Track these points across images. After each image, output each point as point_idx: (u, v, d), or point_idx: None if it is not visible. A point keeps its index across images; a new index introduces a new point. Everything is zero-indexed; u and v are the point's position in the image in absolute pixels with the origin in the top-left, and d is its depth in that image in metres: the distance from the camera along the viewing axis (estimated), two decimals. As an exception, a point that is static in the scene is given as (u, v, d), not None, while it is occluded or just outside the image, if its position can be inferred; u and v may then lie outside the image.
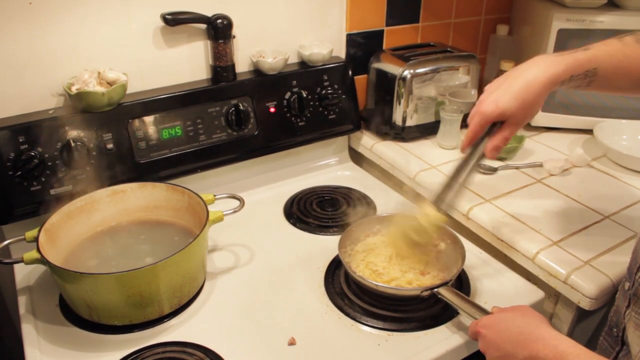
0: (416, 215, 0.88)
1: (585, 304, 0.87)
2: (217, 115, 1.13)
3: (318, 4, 1.24)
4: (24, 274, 0.96)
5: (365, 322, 0.84)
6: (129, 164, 1.04)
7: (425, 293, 0.84)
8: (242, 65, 1.19)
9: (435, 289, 0.83)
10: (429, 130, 1.34)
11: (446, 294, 0.83)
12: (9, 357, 1.19)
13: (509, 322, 0.72)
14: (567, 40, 1.30)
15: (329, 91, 1.23)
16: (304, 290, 0.91)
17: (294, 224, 1.10)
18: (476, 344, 0.82)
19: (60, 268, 0.79)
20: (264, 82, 1.17)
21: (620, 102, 1.33)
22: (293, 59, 1.24)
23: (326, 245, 1.02)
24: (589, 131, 1.33)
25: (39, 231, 0.85)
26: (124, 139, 1.03)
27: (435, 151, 1.30)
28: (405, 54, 1.31)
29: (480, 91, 0.92)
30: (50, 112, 0.99)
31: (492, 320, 0.74)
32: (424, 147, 1.32)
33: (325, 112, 1.25)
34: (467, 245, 1.01)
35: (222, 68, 1.13)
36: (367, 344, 0.81)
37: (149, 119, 1.06)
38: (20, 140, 0.94)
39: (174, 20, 1.06)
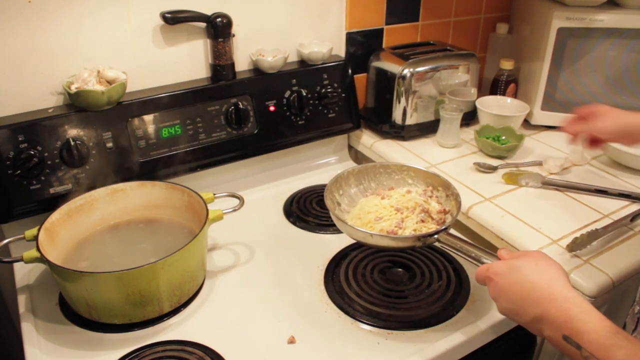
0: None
1: (585, 303, 0.87)
2: (217, 113, 1.13)
3: (318, 2, 1.24)
4: (23, 272, 0.96)
5: (364, 321, 0.84)
6: (128, 163, 1.04)
7: (420, 242, 0.80)
8: (241, 64, 1.19)
9: (435, 235, 0.80)
10: (428, 128, 1.34)
11: (448, 239, 0.79)
12: (9, 356, 1.19)
13: (521, 274, 0.68)
14: (567, 38, 1.30)
15: (329, 90, 1.23)
16: (304, 289, 0.91)
17: (294, 223, 1.10)
18: (475, 342, 0.83)
19: (60, 267, 0.79)
20: (264, 80, 1.17)
21: (620, 101, 1.33)
22: (293, 58, 1.24)
23: (326, 244, 1.02)
24: (589, 130, 1.33)
25: (39, 230, 0.85)
26: (124, 137, 1.03)
27: (435, 150, 1.30)
28: (405, 52, 1.31)
29: (480, 90, 0.92)
30: (49, 110, 0.99)
31: (505, 268, 0.70)
32: (423, 146, 1.32)
33: (325, 111, 1.25)
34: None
35: (221, 67, 1.13)
36: (367, 342, 0.80)
37: (148, 118, 1.06)
38: (20, 139, 0.94)
39: (174, 19, 1.06)
